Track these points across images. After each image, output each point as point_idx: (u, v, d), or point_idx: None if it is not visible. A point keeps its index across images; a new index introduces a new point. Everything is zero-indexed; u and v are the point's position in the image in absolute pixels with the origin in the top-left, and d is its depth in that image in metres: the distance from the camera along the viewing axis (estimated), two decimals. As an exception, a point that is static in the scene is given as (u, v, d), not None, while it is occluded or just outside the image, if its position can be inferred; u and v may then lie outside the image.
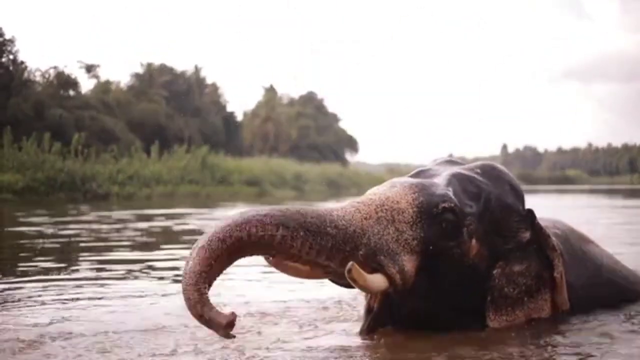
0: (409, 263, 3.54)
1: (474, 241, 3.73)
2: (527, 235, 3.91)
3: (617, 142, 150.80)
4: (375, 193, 3.72)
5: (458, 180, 3.87)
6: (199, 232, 10.51)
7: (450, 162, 4.25)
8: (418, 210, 3.61)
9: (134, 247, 9.32)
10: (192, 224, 14.26)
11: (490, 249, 3.80)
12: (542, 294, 3.93)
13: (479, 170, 4.02)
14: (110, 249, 9.05)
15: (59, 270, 6.96)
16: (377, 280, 3.46)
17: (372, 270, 3.46)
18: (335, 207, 3.53)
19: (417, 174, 4.07)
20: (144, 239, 10.79)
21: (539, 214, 4.05)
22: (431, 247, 3.60)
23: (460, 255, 3.69)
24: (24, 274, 6.62)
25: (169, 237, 11.56)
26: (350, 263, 3.29)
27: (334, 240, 3.36)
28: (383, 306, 3.86)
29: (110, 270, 6.92)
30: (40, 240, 9.99)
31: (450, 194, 3.73)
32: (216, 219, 15.92)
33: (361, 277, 3.34)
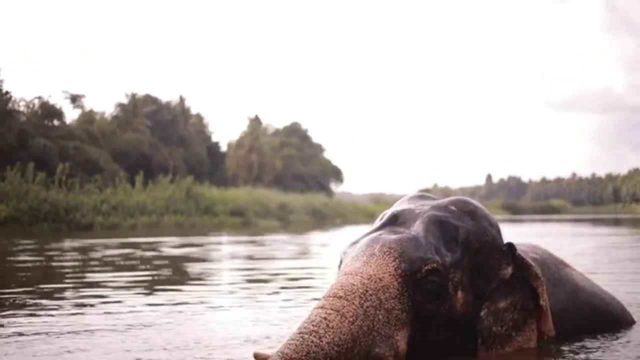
0: (402, 340, 3.54)
1: (459, 293, 3.72)
2: (509, 270, 3.90)
3: (601, 172, 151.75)
4: (355, 272, 3.64)
5: (434, 224, 3.83)
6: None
7: (423, 197, 4.25)
8: (402, 280, 3.59)
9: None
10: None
11: (476, 293, 3.80)
12: (529, 324, 3.93)
13: (453, 208, 3.98)
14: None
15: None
16: None
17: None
18: (322, 322, 3.43)
19: (394, 218, 4.02)
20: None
21: (521, 241, 4.07)
22: (419, 313, 3.59)
23: (447, 311, 3.68)
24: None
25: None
26: None
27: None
28: None
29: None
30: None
31: (432, 249, 3.70)
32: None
33: None
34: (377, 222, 4.08)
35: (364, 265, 3.66)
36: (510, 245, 3.97)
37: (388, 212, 4.12)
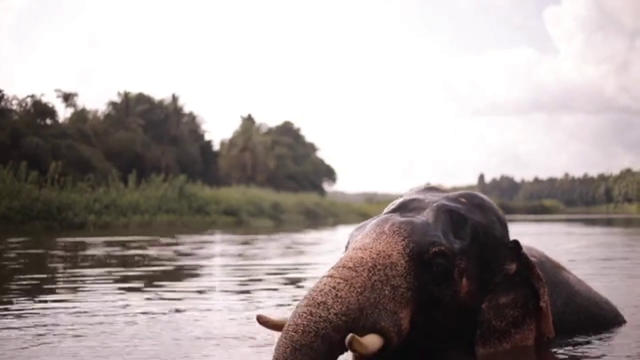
0: (405, 318, 3.53)
1: (464, 280, 3.71)
2: (513, 267, 3.91)
3: (593, 172, 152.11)
4: (365, 247, 3.65)
5: (444, 213, 3.83)
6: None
7: (432, 189, 4.24)
8: (410, 259, 3.58)
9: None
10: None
11: (480, 283, 3.79)
12: (528, 323, 3.94)
13: (463, 200, 3.99)
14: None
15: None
16: (375, 341, 3.41)
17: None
18: (331, 291, 3.42)
19: (403, 205, 4.03)
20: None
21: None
22: (424, 294, 3.59)
23: (451, 296, 3.67)
24: None
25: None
26: (350, 335, 3.25)
27: (337, 341, 3.32)
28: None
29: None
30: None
31: (440, 234, 3.70)
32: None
33: (362, 347, 3.30)
34: (387, 209, 4.09)
35: (373, 241, 3.67)
36: (516, 243, 3.98)
37: (397, 201, 4.13)
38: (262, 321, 3.51)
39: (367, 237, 3.73)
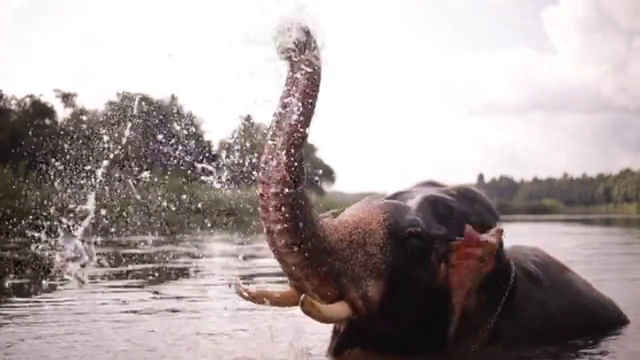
0: (374, 288, 3.50)
1: (442, 265, 3.68)
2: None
3: (592, 172, 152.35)
4: (350, 214, 3.71)
5: (430, 202, 3.83)
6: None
7: (430, 184, 4.26)
8: (388, 232, 3.59)
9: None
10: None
11: None
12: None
13: (454, 192, 3.99)
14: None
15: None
16: (337, 309, 3.43)
17: (336, 296, 3.45)
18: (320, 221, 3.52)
19: (394, 196, 4.05)
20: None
21: (519, 243, 4.08)
22: (398, 272, 3.57)
23: (427, 280, 3.65)
24: None
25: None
26: (303, 296, 3.28)
27: (306, 248, 3.36)
28: (349, 327, 3.80)
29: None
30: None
31: (419, 218, 3.69)
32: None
33: (314, 308, 3.32)
34: None
35: (356, 212, 3.73)
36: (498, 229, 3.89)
37: (392, 193, 4.16)
38: (240, 291, 3.55)
39: (351, 210, 3.81)
